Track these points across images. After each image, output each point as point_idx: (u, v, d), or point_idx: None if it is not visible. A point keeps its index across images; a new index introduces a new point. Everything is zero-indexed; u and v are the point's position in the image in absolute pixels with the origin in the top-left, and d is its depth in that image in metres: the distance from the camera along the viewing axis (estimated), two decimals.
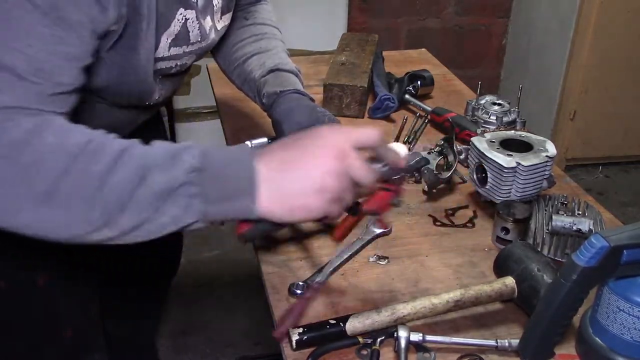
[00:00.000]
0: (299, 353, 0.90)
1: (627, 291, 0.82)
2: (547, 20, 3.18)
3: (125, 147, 0.76)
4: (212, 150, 0.79)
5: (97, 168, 0.74)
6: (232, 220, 0.83)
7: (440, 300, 0.93)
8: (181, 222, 0.78)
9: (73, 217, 0.75)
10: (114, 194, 0.74)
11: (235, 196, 0.78)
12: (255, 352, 2.20)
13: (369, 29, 3.18)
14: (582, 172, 3.31)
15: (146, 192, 0.75)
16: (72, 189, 0.73)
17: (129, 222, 0.76)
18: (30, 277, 1.09)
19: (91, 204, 0.74)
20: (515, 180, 1.14)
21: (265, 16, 1.33)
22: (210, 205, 0.77)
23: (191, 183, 0.76)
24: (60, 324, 1.17)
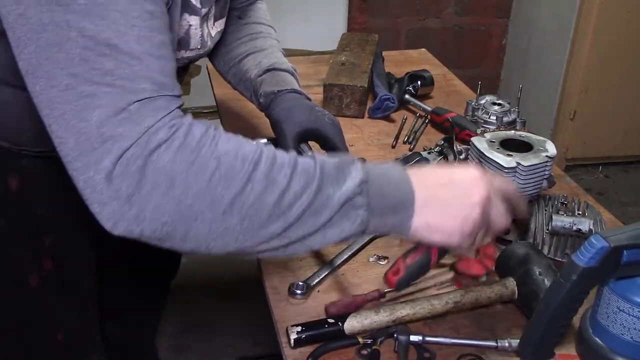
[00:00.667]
0: (298, 353, 0.90)
1: (627, 291, 0.82)
2: (547, 20, 3.18)
3: (294, 156, 0.76)
4: (369, 164, 0.80)
5: (279, 178, 0.72)
6: (385, 234, 0.83)
7: (439, 301, 0.93)
8: (348, 233, 0.77)
9: (252, 229, 0.73)
10: (293, 205, 0.72)
11: (395, 210, 0.78)
12: (255, 352, 2.20)
13: (369, 29, 3.18)
14: (582, 172, 3.31)
15: (321, 204, 0.74)
16: (255, 200, 0.71)
17: (301, 233, 0.74)
18: (22, 278, 1.09)
19: (270, 215, 0.72)
20: (515, 180, 1.14)
21: (260, 15, 1.32)
22: (373, 216, 0.77)
23: (361, 194, 0.76)
24: (54, 326, 1.16)
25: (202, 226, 0.72)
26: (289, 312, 0.97)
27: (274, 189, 0.72)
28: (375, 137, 1.49)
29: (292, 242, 0.75)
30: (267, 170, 0.72)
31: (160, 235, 0.71)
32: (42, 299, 1.11)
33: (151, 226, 0.69)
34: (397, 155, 1.39)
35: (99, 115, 0.67)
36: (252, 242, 0.74)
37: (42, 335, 1.15)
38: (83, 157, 0.68)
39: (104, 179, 0.67)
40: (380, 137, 1.49)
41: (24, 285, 1.08)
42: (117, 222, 0.69)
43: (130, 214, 0.68)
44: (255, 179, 0.71)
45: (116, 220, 0.69)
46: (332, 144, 1.13)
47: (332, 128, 1.13)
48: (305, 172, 0.74)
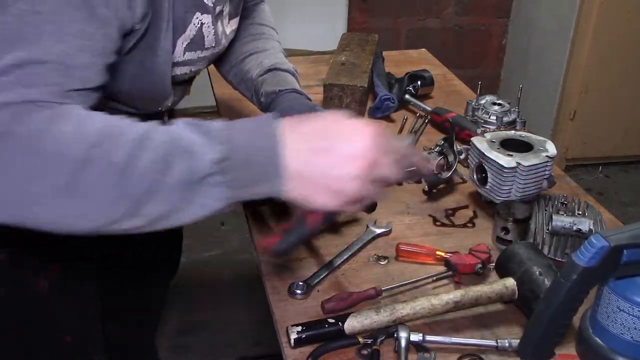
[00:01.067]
0: (299, 353, 0.90)
1: (627, 291, 0.82)
2: (547, 20, 3.18)
3: (145, 131, 0.74)
4: (237, 132, 0.76)
5: (119, 156, 0.71)
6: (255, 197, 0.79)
7: (439, 301, 0.93)
8: (210, 208, 0.76)
9: (95, 208, 0.72)
10: (138, 183, 0.71)
11: (262, 180, 0.76)
12: (255, 352, 2.20)
13: (369, 29, 3.18)
14: (582, 172, 3.31)
15: (172, 181, 0.72)
16: (94, 179, 0.70)
17: (156, 211, 0.74)
18: (30, 282, 1.09)
19: (114, 194, 0.71)
20: (516, 180, 1.14)
21: (263, 17, 1.32)
22: (237, 190, 0.76)
23: (217, 173, 0.74)
24: (60, 329, 1.16)
25: (41, 209, 0.72)
26: (289, 312, 0.97)
27: (114, 168, 0.71)
28: None
29: (151, 220, 0.74)
30: (108, 149, 0.71)
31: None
32: (49, 303, 1.11)
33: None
34: None
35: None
36: (103, 221, 0.73)
37: (47, 337, 1.15)
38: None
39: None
40: None
41: (32, 290, 1.08)
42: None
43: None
44: (93, 158, 0.70)
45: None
46: None
47: None
48: (154, 149, 0.72)
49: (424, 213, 1.22)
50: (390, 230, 1.15)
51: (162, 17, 0.90)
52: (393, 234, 1.15)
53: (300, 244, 0.89)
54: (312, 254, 1.10)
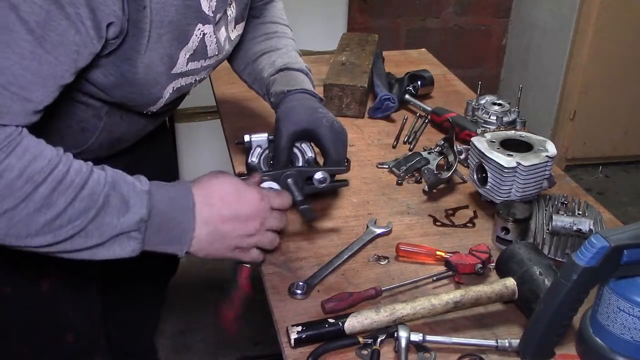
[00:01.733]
0: (299, 352, 0.90)
1: (627, 291, 0.82)
2: (547, 20, 3.18)
3: (86, 177, 0.84)
4: (159, 198, 0.90)
5: (59, 201, 0.81)
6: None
7: (439, 301, 0.93)
8: (118, 255, 0.88)
9: (18, 236, 0.82)
10: (64, 227, 0.82)
11: (170, 244, 0.93)
12: (255, 352, 2.20)
13: (369, 29, 3.18)
14: (582, 172, 3.31)
15: (94, 230, 0.84)
16: (26, 216, 0.80)
17: (69, 248, 0.84)
18: (35, 282, 1.09)
19: (39, 231, 0.81)
20: (516, 180, 1.14)
21: (275, 14, 1.32)
22: (146, 246, 0.90)
23: (137, 231, 0.87)
24: (63, 328, 1.16)
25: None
26: (289, 312, 0.97)
27: (49, 210, 0.81)
28: (376, 137, 1.49)
29: (60, 252, 0.85)
30: (48, 192, 0.80)
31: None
32: (52, 302, 1.12)
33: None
34: (397, 155, 1.39)
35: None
36: (18, 243, 0.83)
37: (51, 336, 1.15)
38: None
39: None
40: (380, 137, 1.49)
41: (35, 289, 1.08)
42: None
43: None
44: (32, 199, 0.79)
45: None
46: (325, 146, 1.11)
47: (328, 131, 1.10)
48: (89, 198, 0.83)
49: (424, 213, 1.22)
50: (390, 230, 1.15)
51: (141, 33, 0.90)
52: (393, 234, 1.15)
53: (239, 300, 1.04)
54: (312, 254, 1.10)
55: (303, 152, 1.14)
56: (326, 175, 1.07)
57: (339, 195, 1.26)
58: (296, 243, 1.12)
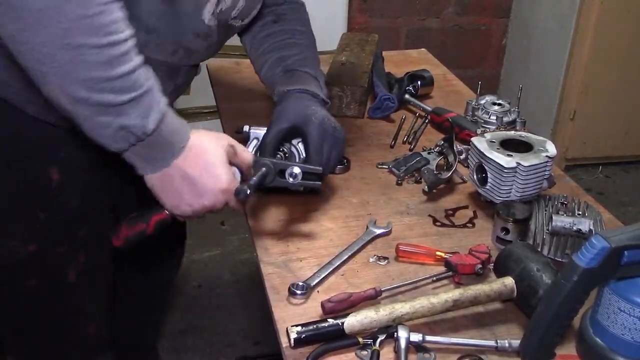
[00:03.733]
0: (298, 353, 0.90)
1: (627, 292, 0.82)
2: (547, 20, 3.17)
3: (141, 63, 0.88)
4: (168, 122, 0.92)
5: (120, 67, 0.84)
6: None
7: (438, 300, 0.93)
8: (102, 136, 0.89)
9: (77, 75, 0.82)
10: (110, 93, 0.84)
11: (143, 160, 0.94)
12: (255, 352, 2.20)
13: (369, 29, 3.18)
14: (582, 172, 3.31)
15: (117, 112, 0.86)
16: (95, 63, 0.82)
17: (90, 114, 0.86)
18: (62, 273, 1.10)
19: (91, 83, 0.83)
20: (515, 181, 1.14)
21: (294, 17, 1.32)
22: (127, 152, 0.92)
23: (138, 140, 0.89)
24: (86, 320, 1.18)
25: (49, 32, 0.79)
26: (289, 312, 0.97)
27: (109, 70, 0.83)
28: (375, 137, 1.49)
29: (75, 113, 0.86)
30: (119, 54, 0.84)
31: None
32: (78, 294, 1.13)
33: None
34: (396, 155, 1.39)
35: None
36: (61, 82, 0.83)
37: (74, 327, 1.17)
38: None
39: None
40: (380, 137, 1.49)
41: (62, 281, 1.10)
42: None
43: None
44: (106, 51, 0.83)
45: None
46: (308, 144, 1.11)
47: (316, 129, 1.11)
48: (135, 81, 0.87)
49: (423, 213, 1.22)
50: (390, 231, 1.15)
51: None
52: (393, 234, 1.15)
53: (138, 240, 1.04)
54: (312, 254, 1.10)
55: (299, 151, 1.14)
56: (298, 172, 1.04)
57: (338, 195, 1.26)
58: (296, 243, 1.12)
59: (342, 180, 1.31)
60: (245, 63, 1.48)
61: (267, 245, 1.12)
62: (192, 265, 2.58)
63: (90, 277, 1.15)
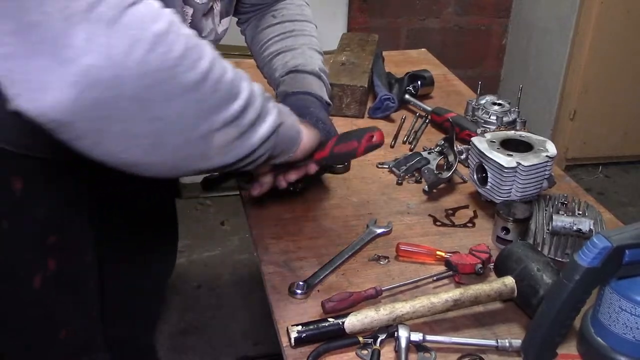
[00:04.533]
0: (299, 352, 0.90)
1: (629, 291, 0.82)
2: (547, 20, 3.18)
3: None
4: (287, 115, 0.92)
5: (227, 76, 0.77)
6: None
7: (439, 300, 0.93)
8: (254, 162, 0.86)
9: (215, 104, 0.75)
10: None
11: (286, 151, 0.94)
12: (255, 352, 2.20)
13: (369, 29, 3.18)
14: (582, 172, 3.31)
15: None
16: (216, 81, 0.74)
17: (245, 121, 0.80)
18: (27, 279, 1.09)
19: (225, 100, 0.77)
20: (516, 180, 1.14)
21: (293, 12, 1.31)
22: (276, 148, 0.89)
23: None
24: (56, 325, 1.16)
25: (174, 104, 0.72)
26: (289, 311, 0.97)
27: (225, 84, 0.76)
28: None
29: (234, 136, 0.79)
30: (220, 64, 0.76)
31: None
32: (44, 299, 1.11)
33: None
34: (397, 155, 1.39)
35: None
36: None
37: (44, 333, 1.15)
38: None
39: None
40: None
41: (27, 287, 1.08)
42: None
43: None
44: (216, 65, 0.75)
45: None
46: None
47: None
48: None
49: (424, 213, 1.22)
50: (390, 230, 1.15)
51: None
52: (393, 233, 1.15)
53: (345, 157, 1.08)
54: (312, 254, 1.09)
55: None
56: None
57: (339, 195, 1.26)
58: (296, 243, 1.12)
59: (342, 180, 1.31)
60: (246, 63, 1.47)
61: (267, 244, 1.12)
62: (192, 265, 2.58)
63: (62, 283, 1.13)
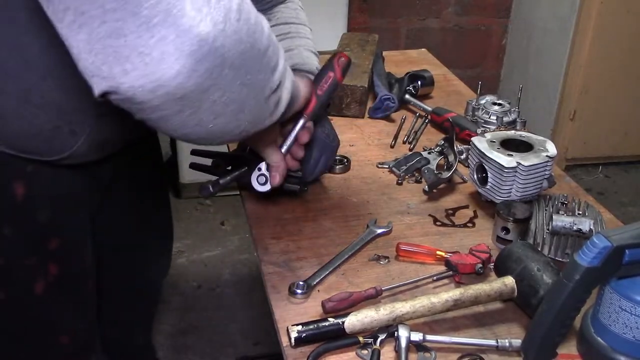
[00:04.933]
0: (299, 352, 0.90)
1: (629, 291, 0.81)
2: (547, 20, 3.18)
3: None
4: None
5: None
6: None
7: (439, 299, 0.93)
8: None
9: (273, 65, 0.79)
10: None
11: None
12: (255, 352, 2.20)
13: (369, 29, 3.18)
14: (582, 172, 3.32)
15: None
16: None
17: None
18: (28, 286, 1.08)
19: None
20: (516, 180, 1.14)
21: (288, 15, 1.30)
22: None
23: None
24: (57, 330, 1.16)
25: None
26: (289, 311, 0.97)
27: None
28: (376, 136, 1.49)
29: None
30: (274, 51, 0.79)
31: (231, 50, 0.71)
32: (46, 305, 1.11)
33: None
34: (397, 155, 1.39)
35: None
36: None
37: (44, 338, 1.15)
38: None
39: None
40: (380, 136, 1.49)
41: (29, 293, 1.08)
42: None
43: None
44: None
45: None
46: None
47: None
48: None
49: (424, 213, 1.22)
50: (390, 230, 1.15)
51: None
52: (393, 233, 1.15)
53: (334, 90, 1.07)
54: (312, 254, 1.09)
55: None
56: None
57: (339, 194, 1.26)
58: (296, 243, 1.12)
59: (342, 180, 1.31)
60: None
61: (267, 244, 1.12)
62: (192, 265, 2.58)
63: (64, 287, 1.13)
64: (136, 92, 0.66)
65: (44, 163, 0.99)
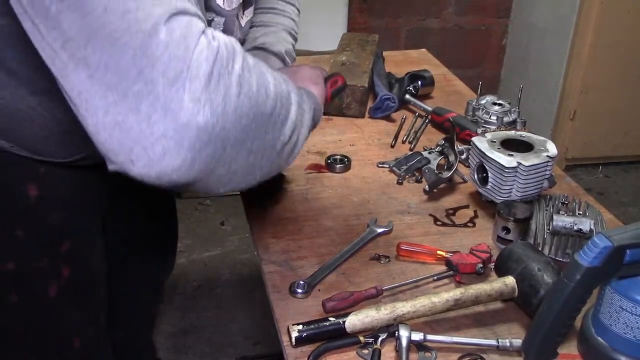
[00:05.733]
0: (299, 352, 0.90)
1: (629, 290, 0.82)
2: (547, 20, 3.18)
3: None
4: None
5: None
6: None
7: (439, 299, 0.93)
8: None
9: (283, 118, 0.80)
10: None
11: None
12: (255, 352, 2.20)
13: (369, 29, 3.18)
14: (582, 172, 3.31)
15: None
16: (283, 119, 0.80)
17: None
18: (42, 289, 1.08)
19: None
20: (516, 180, 1.14)
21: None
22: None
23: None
24: (70, 333, 1.16)
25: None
26: (290, 311, 0.97)
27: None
28: (376, 136, 1.49)
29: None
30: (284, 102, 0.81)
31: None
32: (59, 308, 1.11)
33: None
34: (397, 154, 1.39)
35: None
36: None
37: (57, 341, 1.14)
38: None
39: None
40: (380, 136, 1.49)
41: (43, 296, 1.07)
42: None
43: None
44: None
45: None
46: None
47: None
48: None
49: (424, 212, 1.22)
50: (391, 230, 1.15)
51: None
52: (394, 233, 1.15)
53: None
54: (313, 253, 1.09)
55: None
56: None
57: (339, 194, 1.26)
58: (297, 242, 1.12)
59: (343, 180, 1.31)
60: None
61: (268, 243, 1.12)
62: (192, 265, 2.58)
63: (76, 290, 1.13)
64: (144, 178, 0.69)
65: (56, 165, 0.99)
